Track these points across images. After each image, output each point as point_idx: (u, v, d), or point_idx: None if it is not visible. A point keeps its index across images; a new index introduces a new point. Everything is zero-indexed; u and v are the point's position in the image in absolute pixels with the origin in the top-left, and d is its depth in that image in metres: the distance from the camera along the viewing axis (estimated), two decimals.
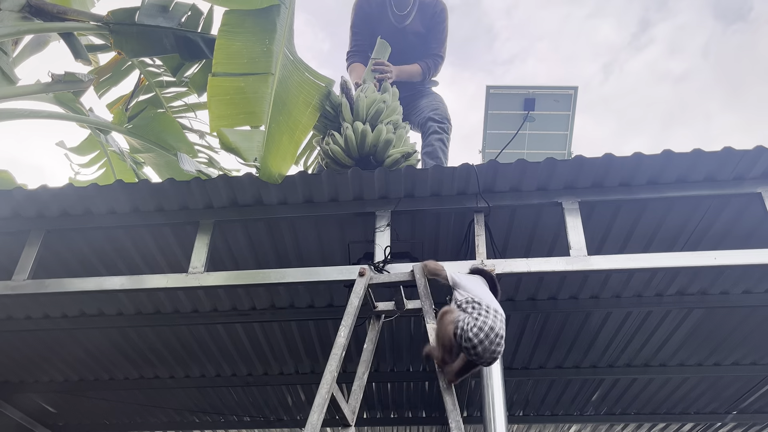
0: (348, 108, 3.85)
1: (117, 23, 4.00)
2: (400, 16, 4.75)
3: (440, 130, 4.50)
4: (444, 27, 4.79)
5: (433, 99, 4.81)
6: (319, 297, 4.13)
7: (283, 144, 3.29)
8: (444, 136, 4.48)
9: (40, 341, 4.54)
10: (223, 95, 3.26)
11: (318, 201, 3.42)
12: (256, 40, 3.37)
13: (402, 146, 3.78)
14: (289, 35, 3.54)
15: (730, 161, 3.07)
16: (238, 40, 3.40)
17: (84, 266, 3.84)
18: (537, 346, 4.56)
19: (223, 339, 4.55)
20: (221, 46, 3.37)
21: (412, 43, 4.74)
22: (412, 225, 3.54)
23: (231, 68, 3.32)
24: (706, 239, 3.50)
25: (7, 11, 3.80)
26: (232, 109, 3.24)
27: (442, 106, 4.70)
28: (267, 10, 3.46)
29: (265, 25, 3.40)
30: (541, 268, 3.06)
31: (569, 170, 3.17)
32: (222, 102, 3.24)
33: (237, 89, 3.28)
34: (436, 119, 4.55)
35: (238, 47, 3.39)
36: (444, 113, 4.64)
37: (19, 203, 3.43)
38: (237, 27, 3.43)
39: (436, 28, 4.77)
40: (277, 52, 3.37)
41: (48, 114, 4.12)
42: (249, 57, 3.38)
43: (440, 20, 4.77)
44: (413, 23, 4.78)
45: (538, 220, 3.47)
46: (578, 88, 4.59)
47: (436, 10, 4.76)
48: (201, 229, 3.44)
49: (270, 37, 3.37)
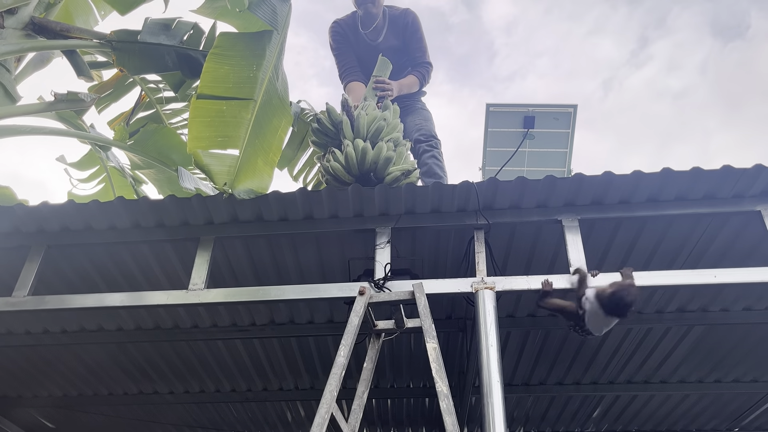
0: (349, 125, 3.87)
1: (120, 41, 4.03)
2: (369, 33, 4.79)
3: (429, 147, 4.50)
4: (421, 35, 4.80)
5: (418, 116, 4.80)
6: (319, 313, 4.13)
7: (259, 166, 3.40)
8: (435, 152, 4.49)
9: (40, 356, 4.53)
10: (204, 117, 3.36)
11: (318, 217, 3.42)
12: (244, 64, 3.44)
13: (402, 164, 3.79)
14: (277, 61, 3.61)
15: (729, 179, 3.07)
16: (226, 63, 3.48)
17: (84, 282, 3.84)
18: (538, 362, 4.55)
19: (222, 354, 4.55)
20: (209, 69, 3.44)
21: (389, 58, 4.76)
22: (413, 242, 3.55)
23: (216, 91, 3.41)
24: (705, 257, 3.50)
25: (10, 29, 3.83)
26: (211, 131, 3.34)
27: (426, 123, 4.70)
28: (259, 35, 3.52)
29: (255, 50, 3.47)
30: (541, 286, 3.06)
31: (569, 188, 3.18)
32: (202, 124, 3.34)
33: (218, 112, 3.38)
34: (422, 139, 4.56)
35: (226, 71, 3.46)
36: (429, 130, 4.63)
37: (20, 219, 3.44)
38: (228, 50, 3.50)
39: (413, 38, 4.79)
40: (262, 78, 3.44)
41: (49, 130, 4.14)
42: (234, 82, 3.45)
43: (414, 29, 4.79)
44: (386, 39, 4.81)
45: (538, 237, 3.48)
46: (578, 106, 4.61)
47: (408, 21, 4.78)
48: (201, 246, 3.44)
49: (258, 63, 3.44)
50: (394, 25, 4.78)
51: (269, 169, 3.48)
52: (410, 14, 4.81)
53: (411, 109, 4.84)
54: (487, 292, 3.02)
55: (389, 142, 3.80)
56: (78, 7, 5.06)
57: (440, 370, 2.54)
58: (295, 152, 5.46)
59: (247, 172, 3.29)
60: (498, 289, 3.04)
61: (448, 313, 4.11)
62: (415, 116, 4.80)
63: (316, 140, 4.07)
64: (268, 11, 3.48)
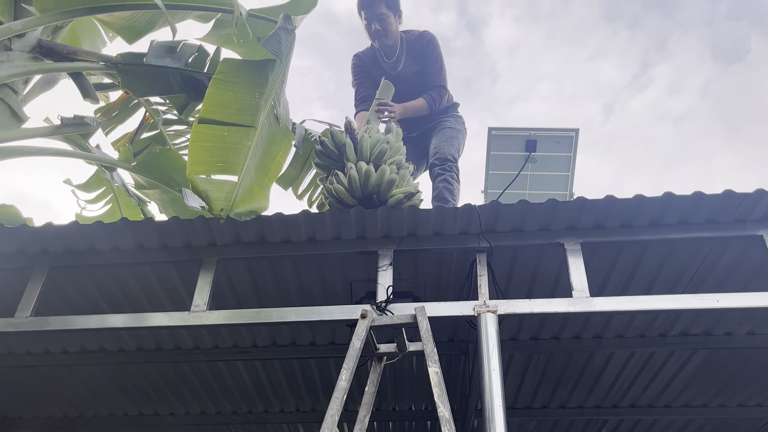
0: (352, 148, 3.88)
1: (125, 63, 4.08)
2: (390, 63, 4.82)
3: (442, 171, 4.51)
4: (436, 57, 4.80)
5: (440, 136, 4.79)
6: (320, 334, 4.12)
7: (255, 191, 3.44)
8: (447, 175, 4.48)
9: (40, 376, 4.52)
10: (205, 142, 3.39)
11: (321, 239, 3.43)
12: (247, 91, 3.47)
13: (405, 186, 3.80)
14: (279, 89, 3.65)
15: (730, 204, 3.08)
16: (229, 90, 3.51)
17: (87, 302, 3.84)
18: (540, 385, 4.52)
19: (224, 375, 4.53)
20: (211, 94, 3.48)
21: (411, 85, 4.79)
22: (415, 264, 3.55)
23: (217, 116, 3.44)
24: (708, 281, 3.50)
25: (18, 51, 3.88)
26: (210, 156, 3.36)
27: (444, 145, 4.68)
28: (262, 63, 3.56)
29: (257, 78, 3.50)
30: (543, 310, 3.06)
31: (571, 211, 3.18)
32: (202, 148, 3.37)
33: (219, 138, 3.41)
34: (436, 163, 4.57)
35: (228, 97, 3.50)
36: (444, 153, 4.61)
37: (24, 240, 3.46)
38: (231, 76, 3.53)
39: (428, 61, 4.79)
40: (264, 106, 3.47)
41: (55, 151, 4.18)
42: (236, 108, 3.49)
43: (430, 52, 4.79)
44: (406, 66, 4.83)
45: (541, 260, 3.48)
46: (579, 130, 4.64)
47: (423, 44, 4.79)
48: (204, 267, 3.45)
49: (260, 91, 3.47)
50: (412, 50, 4.80)
51: (265, 192, 3.52)
52: (425, 37, 4.82)
53: (437, 128, 4.85)
54: (489, 316, 3.01)
55: (392, 165, 3.82)
56: (85, 30, 5.13)
57: (442, 395, 2.53)
58: (299, 172, 5.50)
59: (244, 197, 3.33)
60: (500, 313, 3.04)
61: (450, 336, 4.10)
62: (438, 137, 4.79)
63: (319, 162, 4.07)
64: (273, 42, 3.53)
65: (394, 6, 4.71)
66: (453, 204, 4.36)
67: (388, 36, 4.72)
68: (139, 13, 4.11)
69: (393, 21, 4.71)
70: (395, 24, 4.75)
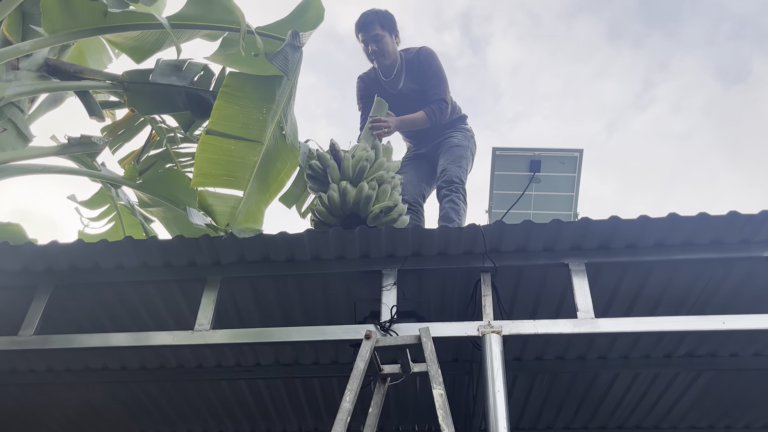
0: (336, 169, 3.96)
1: (131, 81, 4.11)
2: (390, 82, 4.84)
3: (448, 192, 4.50)
4: (434, 70, 4.78)
5: (447, 157, 4.77)
6: (324, 354, 4.10)
7: (253, 207, 3.44)
8: (453, 196, 4.47)
9: (43, 395, 4.50)
10: (211, 154, 3.40)
11: (325, 258, 3.43)
12: (253, 107, 3.49)
13: (386, 200, 3.86)
14: (286, 105, 3.66)
15: (735, 225, 3.08)
16: (236, 103, 3.53)
17: (90, 320, 3.84)
18: (545, 405, 4.49)
19: (226, 395, 4.51)
20: (219, 107, 3.49)
21: (413, 102, 4.78)
22: (419, 284, 3.54)
23: (225, 129, 3.45)
24: (713, 302, 3.48)
25: (25, 70, 3.92)
26: (217, 169, 3.37)
27: (450, 165, 4.67)
28: (270, 79, 3.58)
29: (264, 93, 3.52)
30: (548, 330, 3.05)
31: (575, 232, 3.18)
32: (209, 161, 3.38)
33: (226, 151, 3.42)
34: (443, 185, 4.58)
35: (235, 111, 3.51)
36: (450, 174, 4.60)
37: (29, 258, 3.46)
38: (237, 90, 3.55)
39: (426, 76, 4.79)
40: (270, 122, 3.48)
41: (60, 169, 4.21)
42: (243, 122, 3.50)
43: (427, 67, 4.79)
44: (406, 84, 4.85)
45: (545, 281, 3.47)
46: (584, 151, 4.65)
47: (420, 60, 4.80)
48: (208, 286, 3.45)
49: (267, 107, 3.49)
50: (410, 67, 4.82)
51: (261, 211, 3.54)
52: (422, 53, 4.83)
53: (445, 144, 4.84)
54: (494, 336, 3.00)
55: (372, 181, 3.89)
56: (91, 47, 5.17)
57: (447, 417, 2.52)
58: (302, 191, 5.50)
59: (246, 213, 3.32)
60: (505, 333, 3.03)
61: (454, 356, 4.08)
62: (446, 157, 4.78)
63: (311, 185, 4.15)
64: (280, 59, 3.55)
65: (389, 26, 4.74)
66: (458, 224, 4.36)
67: (385, 56, 4.75)
68: (147, 33, 4.14)
69: (389, 41, 4.74)
70: (392, 43, 4.77)
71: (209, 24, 4.13)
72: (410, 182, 4.83)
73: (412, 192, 4.79)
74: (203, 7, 3.96)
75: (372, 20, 4.67)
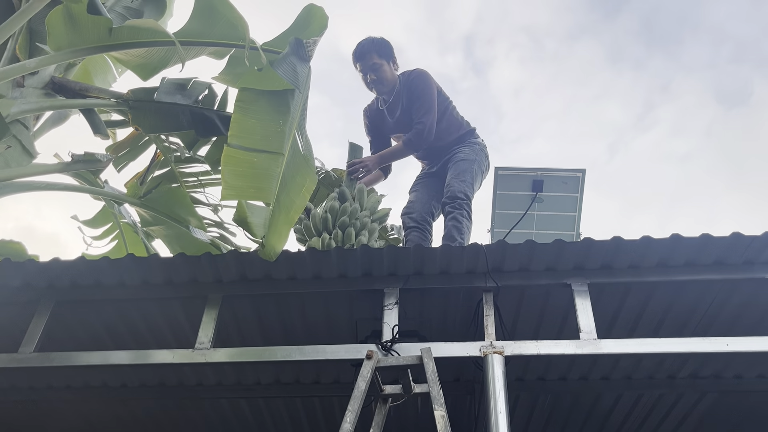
0: (309, 227, 4.41)
1: (136, 100, 4.13)
2: (389, 108, 4.84)
3: (451, 209, 4.46)
4: (418, 94, 4.71)
5: (453, 171, 4.72)
6: (325, 373, 4.08)
7: (280, 223, 3.36)
8: (456, 213, 4.43)
9: (42, 412, 4.47)
10: (236, 166, 3.33)
11: (327, 277, 3.43)
12: (270, 119, 3.47)
13: (352, 241, 4.28)
14: (301, 118, 3.65)
15: (738, 246, 3.07)
16: (252, 117, 3.49)
17: (91, 337, 3.83)
18: (547, 426, 4.45)
19: (226, 413, 4.48)
20: (237, 120, 3.46)
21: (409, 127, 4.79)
22: (421, 303, 3.53)
23: (245, 142, 3.40)
24: (716, 323, 3.47)
25: (30, 88, 3.95)
26: (243, 181, 3.30)
27: (454, 181, 4.62)
28: (282, 93, 3.57)
29: (278, 106, 3.50)
30: (551, 351, 3.04)
31: (578, 252, 3.18)
32: (233, 173, 3.31)
33: (249, 163, 3.36)
34: (447, 201, 4.53)
35: (253, 123, 3.48)
36: (454, 191, 4.54)
37: (30, 275, 3.46)
38: (251, 104, 3.52)
39: (412, 98, 4.76)
40: (288, 133, 3.47)
41: (64, 186, 4.22)
42: (262, 134, 3.47)
43: (414, 88, 4.75)
44: (404, 107, 4.82)
45: (548, 301, 3.46)
46: (586, 171, 4.66)
47: (409, 83, 4.78)
48: (209, 304, 3.44)
49: (284, 119, 3.46)
50: (406, 91, 4.80)
51: (287, 229, 3.48)
52: (412, 75, 4.80)
53: (451, 162, 4.80)
54: (496, 357, 2.99)
55: (336, 230, 4.32)
56: (96, 65, 5.21)
57: None
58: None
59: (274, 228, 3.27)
60: (507, 354, 3.02)
61: (456, 375, 4.05)
62: (451, 172, 4.74)
63: (299, 238, 4.55)
64: (288, 70, 3.53)
65: (386, 54, 4.73)
66: (461, 242, 4.35)
67: (384, 84, 4.75)
68: (153, 50, 4.15)
69: (387, 68, 4.73)
70: (390, 71, 4.76)
71: (215, 41, 4.12)
72: (419, 200, 4.84)
73: (420, 210, 4.78)
74: (207, 21, 3.93)
75: (368, 50, 4.67)
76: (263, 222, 3.21)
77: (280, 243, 3.30)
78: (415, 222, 4.70)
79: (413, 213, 4.72)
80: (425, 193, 4.91)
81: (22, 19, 3.76)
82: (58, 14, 3.65)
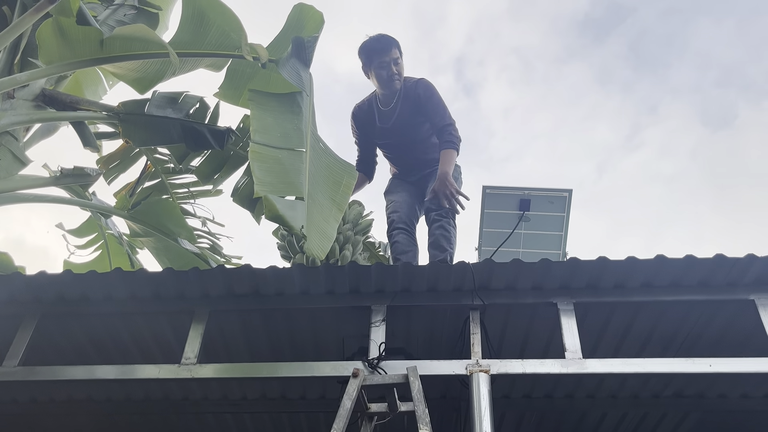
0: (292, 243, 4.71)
1: (127, 113, 4.13)
2: (385, 112, 4.76)
3: (438, 217, 4.44)
4: (436, 100, 4.68)
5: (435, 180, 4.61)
6: (311, 389, 4.06)
7: (320, 220, 3.33)
8: (443, 221, 4.40)
9: (27, 425, 4.43)
10: (263, 162, 3.32)
11: (314, 293, 3.43)
12: (284, 118, 3.46)
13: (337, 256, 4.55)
14: (312, 119, 3.64)
15: (722, 268, 3.11)
16: (268, 115, 3.48)
17: (76, 351, 3.80)
18: None
19: (212, 428, 4.45)
20: (256, 117, 3.44)
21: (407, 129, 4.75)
22: (408, 320, 3.54)
23: (266, 140, 3.38)
24: (700, 343, 3.50)
25: (21, 100, 3.94)
26: (272, 177, 3.28)
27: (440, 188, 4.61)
28: (291, 95, 3.56)
29: (290, 106, 3.50)
30: (536, 370, 3.05)
31: (564, 271, 3.21)
32: (262, 169, 3.29)
33: (275, 159, 3.34)
34: (432, 207, 4.51)
35: (270, 121, 3.47)
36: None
37: (16, 288, 3.44)
38: (263, 104, 3.51)
39: (428, 105, 4.67)
40: (305, 131, 3.45)
41: (52, 198, 4.21)
42: (281, 132, 3.45)
43: (428, 96, 4.68)
44: (401, 113, 4.73)
45: (534, 319, 3.48)
46: (573, 191, 4.70)
47: (419, 92, 4.69)
48: (196, 319, 3.43)
49: (297, 118, 3.46)
50: (407, 98, 4.72)
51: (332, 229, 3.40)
52: (421, 85, 4.73)
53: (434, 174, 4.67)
54: (482, 376, 3.00)
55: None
56: (88, 77, 5.22)
57: None
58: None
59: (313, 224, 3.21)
60: (493, 372, 3.03)
61: (442, 393, 4.05)
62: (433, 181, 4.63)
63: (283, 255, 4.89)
64: (293, 73, 3.52)
65: (401, 51, 4.71)
66: (450, 252, 4.33)
67: (401, 80, 4.67)
68: (149, 62, 4.12)
69: (402, 64, 4.76)
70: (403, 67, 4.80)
71: (209, 51, 4.08)
72: (406, 202, 4.78)
73: (407, 211, 4.74)
74: (197, 31, 3.88)
75: (390, 43, 4.59)
76: (299, 215, 3.16)
77: (327, 242, 3.25)
78: (403, 223, 4.62)
79: (400, 212, 4.67)
80: (409, 197, 4.83)
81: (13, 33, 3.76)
82: (48, 28, 3.66)
